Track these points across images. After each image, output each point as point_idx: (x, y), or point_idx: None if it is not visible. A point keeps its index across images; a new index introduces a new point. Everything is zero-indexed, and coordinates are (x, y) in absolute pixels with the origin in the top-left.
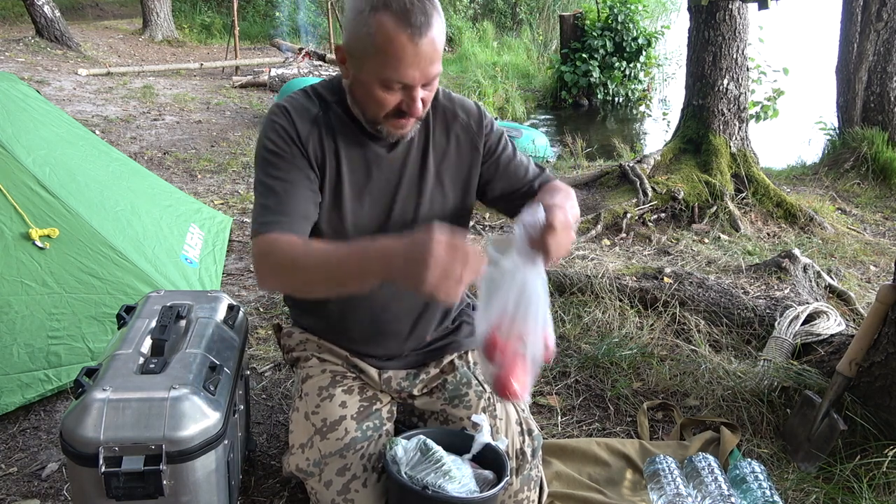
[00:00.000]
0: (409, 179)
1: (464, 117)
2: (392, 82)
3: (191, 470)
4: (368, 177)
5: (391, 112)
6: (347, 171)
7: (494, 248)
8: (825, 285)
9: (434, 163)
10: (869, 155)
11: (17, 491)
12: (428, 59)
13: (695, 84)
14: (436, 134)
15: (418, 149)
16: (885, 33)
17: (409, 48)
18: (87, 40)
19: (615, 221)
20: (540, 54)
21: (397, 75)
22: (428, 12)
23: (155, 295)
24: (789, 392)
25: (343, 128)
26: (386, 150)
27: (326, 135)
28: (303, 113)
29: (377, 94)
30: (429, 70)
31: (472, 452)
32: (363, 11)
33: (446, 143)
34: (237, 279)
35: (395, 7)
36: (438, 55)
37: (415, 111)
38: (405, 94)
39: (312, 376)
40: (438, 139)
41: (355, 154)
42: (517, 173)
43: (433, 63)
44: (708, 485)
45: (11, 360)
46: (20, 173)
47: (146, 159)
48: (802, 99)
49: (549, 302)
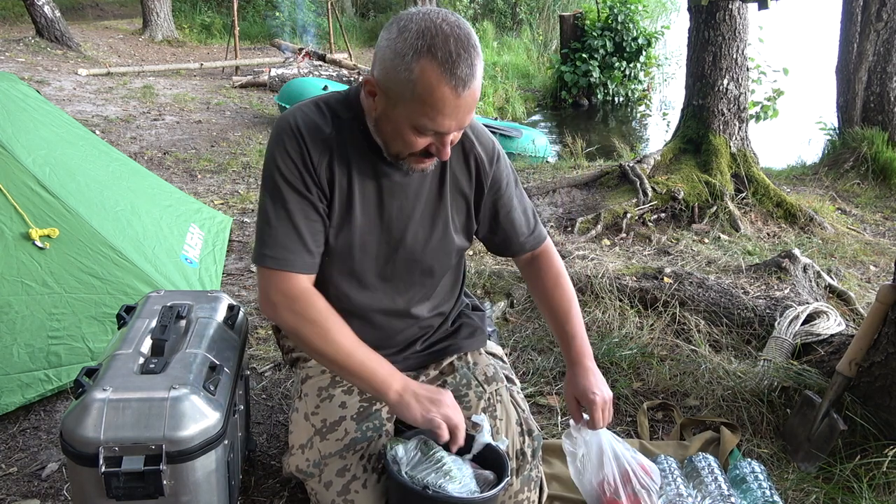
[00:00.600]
0: (424, 209)
1: (480, 152)
2: (426, 130)
3: (191, 470)
4: (381, 203)
5: (418, 153)
6: (359, 195)
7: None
8: (825, 285)
9: (449, 195)
10: (869, 155)
11: (17, 491)
12: (466, 110)
13: (695, 84)
14: (453, 164)
15: (435, 179)
16: (885, 33)
17: (451, 100)
18: (87, 40)
19: (615, 221)
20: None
21: (434, 125)
22: (473, 63)
23: (155, 295)
24: (789, 392)
25: (357, 150)
26: (401, 177)
27: (339, 158)
28: (315, 134)
29: (407, 137)
30: (465, 119)
31: (472, 452)
32: (405, 55)
33: (461, 175)
34: (237, 279)
35: (440, 56)
36: (476, 103)
37: (443, 156)
38: (437, 139)
39: (312, 377)
40: (455, 170)
41: (369, 178)
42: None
43: (470, 112)
44: (708, 485)
45: (11, 360)
46: (20, 173)
47: (146, 159)
48: (802, 99)
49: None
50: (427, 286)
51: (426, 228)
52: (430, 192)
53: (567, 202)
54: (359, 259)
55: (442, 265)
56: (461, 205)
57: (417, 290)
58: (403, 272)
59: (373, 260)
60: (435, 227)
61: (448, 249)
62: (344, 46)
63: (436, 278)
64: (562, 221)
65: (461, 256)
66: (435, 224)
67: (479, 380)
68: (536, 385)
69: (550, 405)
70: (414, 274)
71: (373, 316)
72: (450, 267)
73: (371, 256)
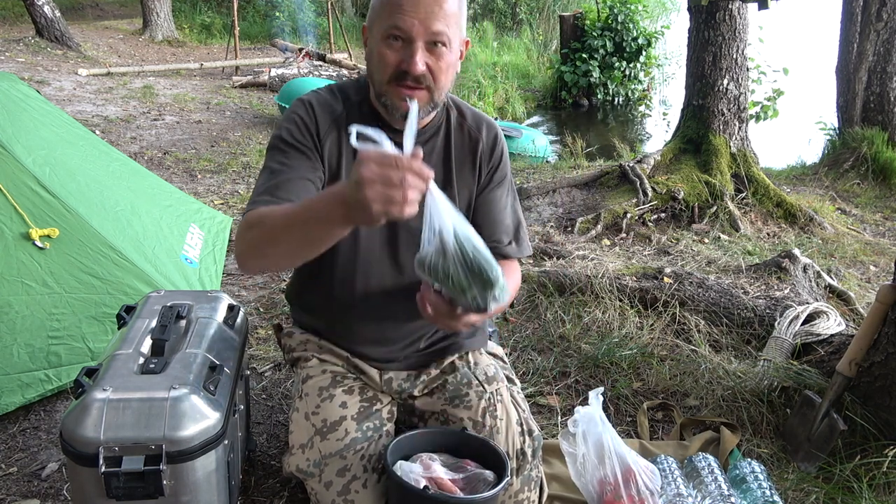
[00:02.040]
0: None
1: (484, 138)
2: (391, 30)
3: (191, 470)
4: None
5: (392, 74)
6: None
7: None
8: (825, 285)
9: (454, 178)
10: (869, 155)
11: (17, 491)
12: (428, 9)
13: (695, 84)
14: (456, 149)
15: (438, 159)
16: (885, 33)
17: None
18: (87, 40)
19: (615, 221)
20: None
21: (394, 20)
22: None
23: (155, 295)
24: (789, 392)
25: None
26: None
27: (346, 136)
28: (326, 109)
29: (380, 51)
30: (429, 22)
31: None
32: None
33: (465, 160)
34: (237, 279)
35: None
36: (443, 12)
37: (413, 67)
38: (405, 49)
39: (313, 376)
40: (458, 155)
41: None
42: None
43: (435, 17)
44: (708, 485)
45: (11, 360)
46: (20, 173)
47: (146, 159)
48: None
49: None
50: None
51: None
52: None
53: (567, 202)
54: (364, 245)
55: None
56: (465, 195)
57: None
58: (406, 252)
59: (378, 245)
60: None
61: None
62: (344, 46)
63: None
64: (562, 221)
65: None
66: None
67: (479, 379)
68: (536, 385)
69: (550, 405)
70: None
71: (376, 304)
72: None
73: (377, 242)
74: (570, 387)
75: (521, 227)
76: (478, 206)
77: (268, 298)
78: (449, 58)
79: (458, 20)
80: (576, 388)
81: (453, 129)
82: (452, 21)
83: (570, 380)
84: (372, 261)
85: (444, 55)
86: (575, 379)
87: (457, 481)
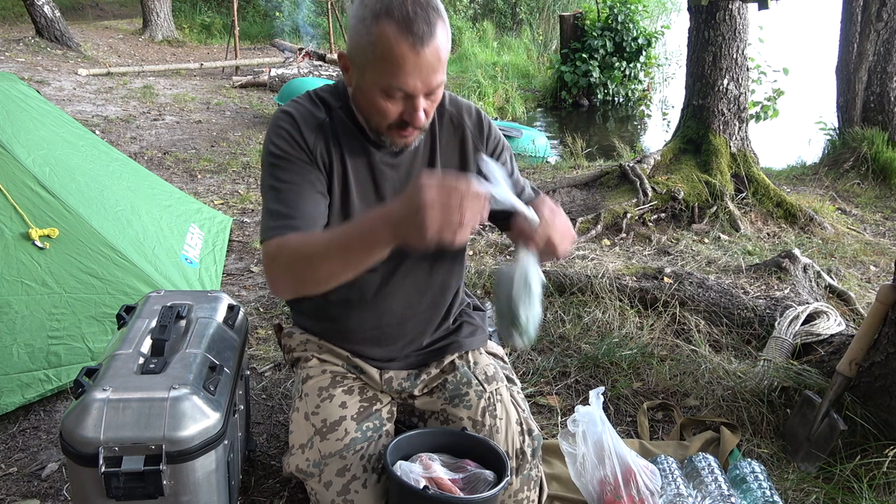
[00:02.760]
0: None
1: (469, 123)
2: (393, 90)
3: (191, 470)
4: (375, 184)
5: (394, 122)
6: (354, 178)
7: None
8: (825, 285)
9: (438, 166)
10: (869, 155)
11: (17, 491)
12: (430, 69)
13: (695, 84)
14: (442, 140)
15: (424, 155)
16: (885, 33)
17: (411, 57)
18: (87, 40)
19: (615, 221)
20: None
21: (397, 83)
22: (431, 21)
23: (155, 295)
24: (789, 392)
25: (348, 135)
26: (391, 157)
27: (332, 142)
28: (308, 119)
29: (379, 103)
30: (431, 79)
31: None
32: (365, 19)
33: (452, 149)
34: (237, 279)
35: (397, 15)
36: (441, 65)
37: (416, 121)
38: (407, 103)
39: (313, 377)
40: (445, 146)
41: (361, 161)
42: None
43: (436, 72)
44: (708, 485)
45: (11, 360)
46: (20, 173)
47: (146, 159)
48: (802, 99)
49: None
50: (424, 268)
51: None
52: (422, 164)
53: (567, 202)
54: None
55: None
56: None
57: (416, 272)
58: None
59: None
60: None
61: None
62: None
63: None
64: None
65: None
66: None
67: (479, 379)
68: (536, 385)
69: (550, 405)
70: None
71: (376, 304)
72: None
73: None
74: (570, 387)
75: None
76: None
77: (268, 298)
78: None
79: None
80: (576, 388)
81: (435, 119)
82: (444, 63)
83: (570, 380)
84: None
85: (438, 94)
86: (575, 379)
87: (456, 481)
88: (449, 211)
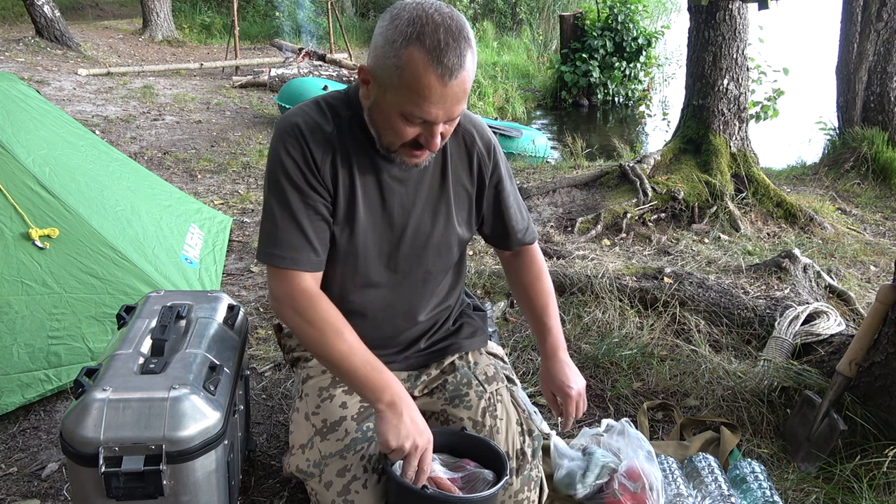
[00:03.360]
0: (425, 202)
1: (480, 145)
2: (414, 117)
3: (191, 470)
4: (382, 198)
5: (408, 143)
6: (362, 192)
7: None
8: (825, 285)
9: (451, 188)
10: (869, 155)
11: (17, 491)
12: (454, 100)
13: (695, 84)
14: (454, 158)
15: (435, 173)
16: (885, 33)
17: (437, 89)
18: (87, 40)
19: (615, 221)
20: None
21: (420, 112)
22: (462, 53)
23: (155, 295)
24: (789, 392)
25: (357, 147)
26: (401, 171)
27: (341, 156)
28: (316, 132)
29: (396, 125)
30: (453, 109)
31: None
32: (395, 42)
33: (462, 169)
34: (237, 279)
35: (428, 44)
36: (466, 95)
37: (433, 147)
38: (425, 128)
39: (313, 377)
40: (456, 164)
41: (370, 175)
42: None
43: (459, 103)
44: (708, 485)
45: (11, 360)
46: (20, 173)
47: (146, 159)
48: (802, 99)
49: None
50: (430, 282)
51: (428, 221)
52: (431, 185)
53: (567, 202)
54: (363, 255)
55: (444, 259)
56: (463, 198)
57: (420, 286)
58: (406, 267)
59: (376, 255)
60: (437, 219)
61: (450, 242)
62: (344, 46)
63: (438, 272)
64: (562, 221)
65: (463, 250)
66: (437, 216)
67: (479, 379)
68: (537, 385)
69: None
70: (417, 268)
71: (376, 314)
72: (452, 261)
73: (374, 252)
74: None
75: (524, 208)
76: (492, 204)
77: (268, 298)
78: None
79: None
80: None
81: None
82: (467, 93)
83: None
84: (370, 262)
85: (456, 120)
86: None
87: (455, 480)
88: (407, 445)
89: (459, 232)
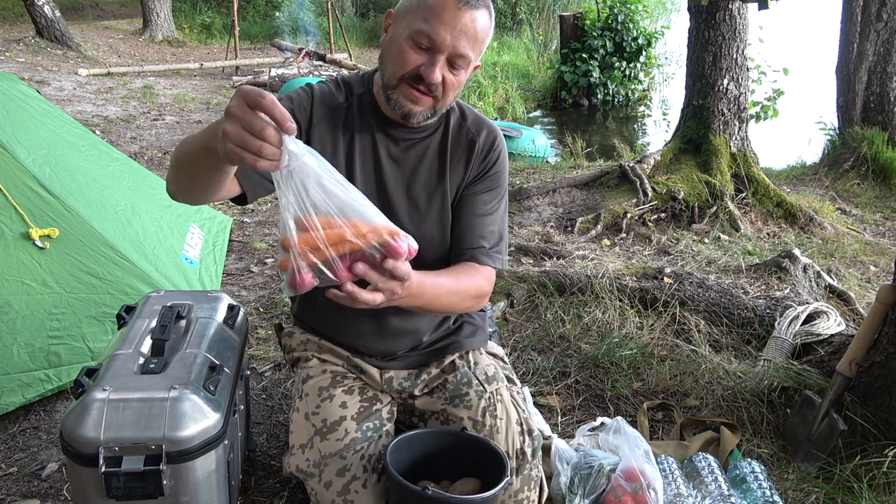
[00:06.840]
0: (421, 184)
1: (481, 142)
2: (422, 36)
3: (191, 470)
4: (380, 173)
5: (408, 74)
6: (360, 165)
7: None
8: (825, 285)
9: (447, 172)
10: (869, 155)
11: (17, 491)
12: (463, 31)
13: (695, 84)
14: (453, 146)
15: (434, 157)
16: (885, 33)
17: (451, 9)
18: (87, 40)
19: (615, 221)
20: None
21: (428, 28)
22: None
23: (155, 295)
24: (789, 392)
25: (363, 125)
26: (402, 151)
27: (344, 127)
28: (327, 98)
29: (403, 49)
30: (459, 42)
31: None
32: None
33: (459, 158)
34: (237, 279)
35: None
36: (474, 40)
37: (430, 76)
38: (428, 56)
39: (313, 377)
40: (454, 151)
41: (369, 149)
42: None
43: (467, 39)
44: (708, 485)
45: (11, 360)
46: (20, 173)
47: (146, 159)
48: (802, 99)
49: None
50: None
51: (423, 203)
52: (429, 169)
53: (567, 202)
54: None
55: (438, 243)
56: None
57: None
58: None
59: None
60: (431, 203)
61: (444, 227)
62: (344, 46)
63: (432, 256)
64: (562, 221)
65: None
66: (432, 200)
67: (479, 379)
68: (536, 385)
69: (550, 405)
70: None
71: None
72: (447, 246)
73: None
74: (569, 387)
75: (503, 240)
76: (464, 201)
77: (268, 298)
78: (462, 77)
79: (482, 47)
80: (576, 388)
81: (451, 128)
82: (478, 46)
83: (570, 380)
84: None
85: (459, 74)
86: (575, 379)
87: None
88: (248, 131)
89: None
